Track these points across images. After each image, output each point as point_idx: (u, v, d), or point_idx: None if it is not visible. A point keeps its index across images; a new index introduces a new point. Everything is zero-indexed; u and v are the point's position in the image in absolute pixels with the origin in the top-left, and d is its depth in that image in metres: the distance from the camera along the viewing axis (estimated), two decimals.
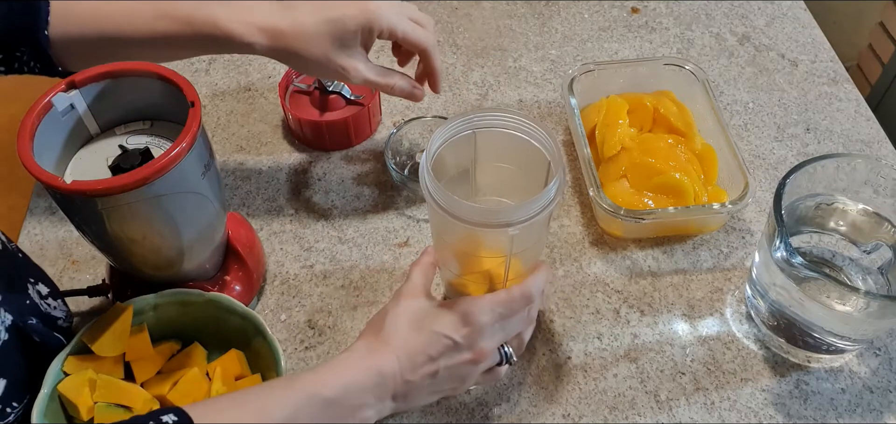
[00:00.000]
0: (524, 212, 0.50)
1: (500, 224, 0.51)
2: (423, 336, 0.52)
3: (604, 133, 0.75)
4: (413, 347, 0.51)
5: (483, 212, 0.51)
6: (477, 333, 0.53)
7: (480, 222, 0.51)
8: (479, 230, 0.51)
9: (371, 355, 0.51)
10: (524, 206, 0.50)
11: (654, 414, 0.61)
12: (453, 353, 0.52)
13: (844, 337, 0.60)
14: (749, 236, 0.73)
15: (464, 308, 0.53)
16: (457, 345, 0.52)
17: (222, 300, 0.60)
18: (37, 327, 0.54)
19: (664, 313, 0.67)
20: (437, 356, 0.52)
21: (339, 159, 0.80)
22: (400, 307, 0.53)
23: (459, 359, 0.53)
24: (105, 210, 0.52)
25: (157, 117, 0.60)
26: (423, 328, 0.52)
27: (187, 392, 0.58)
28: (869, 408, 0.61)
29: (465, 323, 0.52)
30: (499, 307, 0.53)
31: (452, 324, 0.52)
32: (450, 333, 0.52)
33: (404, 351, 0.51)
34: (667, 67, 0.80)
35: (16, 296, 0.54)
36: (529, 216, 0.51)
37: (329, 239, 0.73)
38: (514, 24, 0.96)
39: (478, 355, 0.53)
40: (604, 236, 0.73)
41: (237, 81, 0.88)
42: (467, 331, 0.52)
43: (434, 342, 0.52)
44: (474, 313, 0.52)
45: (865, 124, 0.83)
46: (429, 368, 0.52)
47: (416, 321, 0.53)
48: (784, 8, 0.98)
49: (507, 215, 0.50)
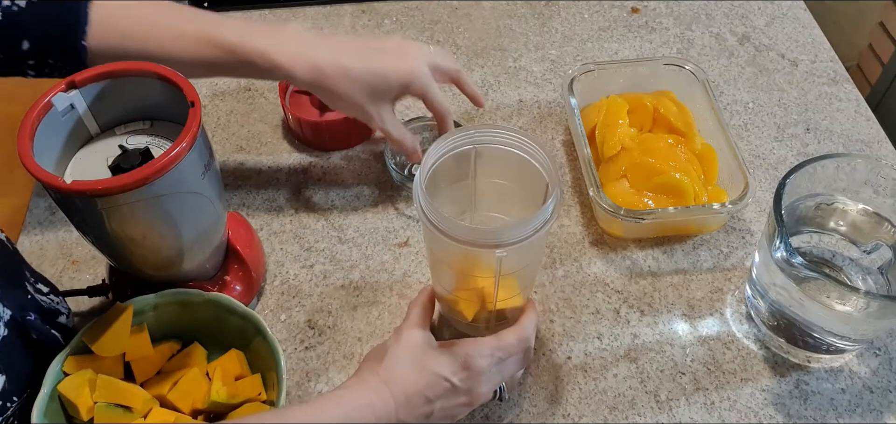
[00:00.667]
0: (513, 234, 0.50)
1: (488, 245, 0.50)
2: (423, 378, 0.52)
3: (604, 133, 0.75)
4: (412, 388, 0.52)
5: (471, 231, 0.50)
6: (475, 377, 0.53)
7: (468, 241, 0.50)
8: (468, 249, 0.51)
9: (367, 391, 0.51)
10: (513, 228, 0.50)
11: (654, 414, 0.61)
12: (450, 396, 0.53)
13: (844, 337, 0.60)
14: (749, 236, 0.73)
15: (464, 351, 0.53)
16: (455, 388, 0.53)
17: (222, 300, 0.60)
18: (35, 323, 0.54)
19: (664, 313, 0.67)
20: (435, 399, 0.52)
21: (339, 159, 0.80)
22: (400, 344, 0.54)
23: (455, 402, 0.53)
24: (105, 210, 0.52)
25: (157, 117, 0.60)
26: (423, 369, 0.52)
27: (187, 392, 0.58)
28: (869, 408, 0.61)
29: (465, 367, 0.53)
30: (498, 352, 0.54)
31: (451, 367, 0.53)
32: (449, 376, 0.52)
33: (402, 391, 0.51)
34: (667, 66, 0.80)
35: (15, 292, 0.54)
36: (518, 239, 0.50)
37: (329, 239, 0.73)
38: (514, 24, 0.96)
39: (474, 399, 0.54)
40: (604, 236, 0.73)
41: (237, 81, 0.88)
42: (466, 375, 0.53)
43: (433, 385, 0.52)
44: (473, 356, 0.53)
45: (865, 124, 0.83)
46: (425, 409, 0.52)
47: (417, 361, 0.53)
48: (784, 8, 0.98)
49: (496, 236, 0.50)
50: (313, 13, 0.97)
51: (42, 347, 0.55)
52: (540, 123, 0.84)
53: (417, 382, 0.52)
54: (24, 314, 0.53)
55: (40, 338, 0.55)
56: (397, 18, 0.96)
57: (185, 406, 0.57)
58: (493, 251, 0.50)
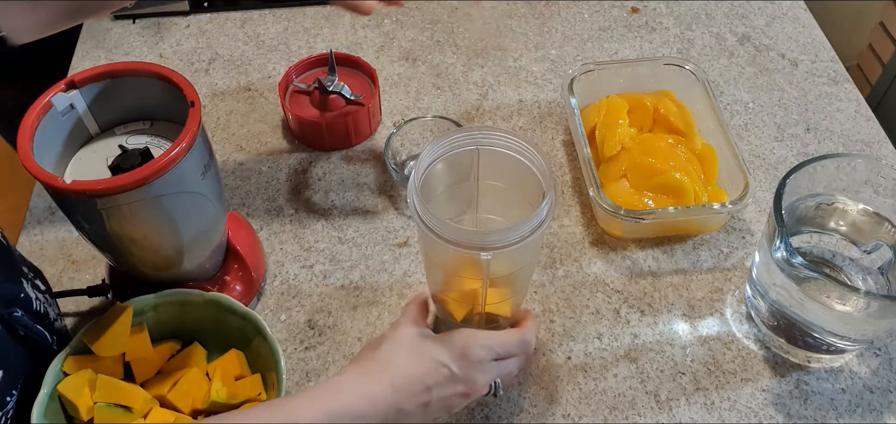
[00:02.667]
0: (500, 238, 0.49)
1: (473, 247, 0.50)
2: (422, 365, 0.52)
3: (604, 133, 0.75)
4: (411, 374, 0.52)
5: (458, 232, 0.50)
6: (473, 366, 0.53)
7: (454, 242, 0.50)
8: (456, 250, 0.51)
9: (365, 381, 0.51)
10: (501, 232, 0.49)
11: (654, 414, 0.61)
12: (448, 384, 0.53)
13: (844, 337, 0.60)
14: (749, 236, 0.73)
15: (462, 341, 0.53)
16: (453, 376, 0.53)
17: (222, 300, 0.60)
18: (22, 320, 0.53)
19: (664, 313, 0.67)
20: (433, 386, 0.52)
21: (339, 159, 0.80)
22: (398, 334, 0.54)
23: (453, 391, 0.53)
24: (105, 210, 0.52)
25: (157, 117, 0.60)
26: (422, 357, 0.52)
27: (187, 392, 0.58)
28: (869, 408, 0.61)
29: (463, 355, 0.53)
30: (497, 347, 0.54)
31: (450, 354, 0.53)
32: (447, 362, 0.52)
33: (401, 378, 0.51)
34: (667, 66, 0.80)
35: (9, 286, 0.53)
36: (505, 243, 0.49)
37: (329, 239, 0.73)
38: (514, 24, 0.96)
39: (471, 389, 0.54)
40: (604, 236, 0.73)
41: (237, 81, 0.88)
42: (464, 363, 0.53)
43: (432, 371, 0.52)
44: (471, 346, 0.53)
45: (865, 124, 0.83)
46: (423, 398, 0.52)
47: (415, 349, 0.53)
48: (784, 8, 0.98)
49: (482, 239, 0.49)
50: (313, 13, 0.97)
51: (32, 343, 0.55)
52: (540, 123, 0.84)
53: (416, 369, 0.52)
54: (10, 311, 0.53)
55: (27, 334, 0.54)
56: (397, 18, 0.96)
57: (185, 406, 0.57)
58: (478, 254, 0.50)
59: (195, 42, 0.93)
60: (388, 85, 0.88)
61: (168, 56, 0.92)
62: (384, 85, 0.87)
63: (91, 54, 0.92)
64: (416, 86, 0.88)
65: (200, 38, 0.94)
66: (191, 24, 0.96)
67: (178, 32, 0.95)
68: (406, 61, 0.91)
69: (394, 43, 0.93)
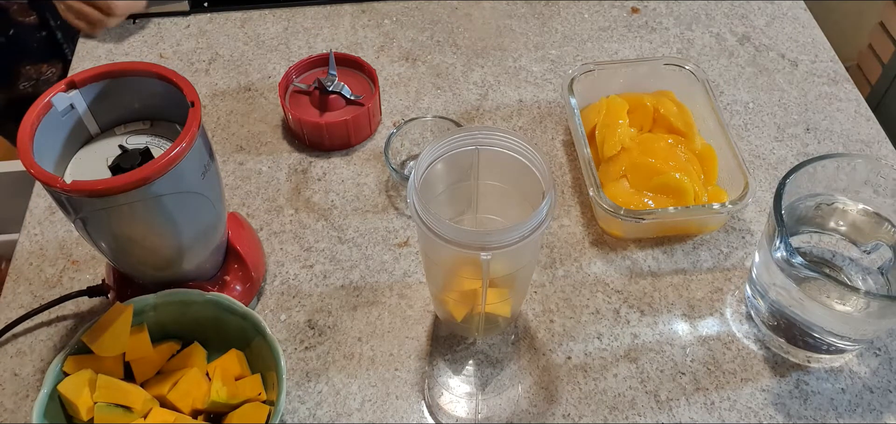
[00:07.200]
0: (500, 238, 0.49)
1: (473, 247, 0.50)
2: None
3: (604, 133, 0.75)
4: None
5: (458, 232, 0.50)
6: None
7: (454, 242, 0.50)
8: (455, 250, 0.51)
9: None
10: (500, 232, 0.49)
11: (654, 414, 0.61)
12: None
13: (844, 337, 0.60)
14: (749, 236, 0.73)
15: None
16: None
17: (222, 300, 0.60)
18: None
19: (664, 313, 0.67)
20: None
21: (338, 159, 0.80)
22: None
23: None
24: (105, 210, 0.52)
25: (157, 117, 0.60)
26: None
27: (187, 392, 0.58)
28: (869, 408, 0.61)
29: None
30: None
31: None
32: None
33: None
34: (667, 67, 0.80)
35: None
36: (504, 244, 0.49)
37: (329, 239, 0.73)
38: (514, 24, 0.96)
39: None
40: (604, 236, 0.73)
41: (237, 81, 0.88)
42: None
43: None
44: None
45: (865, 124, 0.83)
46: None
47: None
48: (784, 8, 0.98)
49: (481, 238, 0.49)
50: (313, 13, 0.97)
51: None
52: (540, 123, 0.84)
53: None
54: None
55: None
56: (397, 18, 0.96)
57: (185, 406, 0.57)
58: (479, 254, 0.50)
59: (195, 42, 0.93)
60: (388, 85, 0.88)
61: (168, 56, 0.92)
62: (384, 85, 0.87)
63: (91, 54, 0.92)
64: (416, 86, 0.88)
65: (200, 39, 0.94)
66: (191, 24, 0.96)
67: (178, 32, 0.95)
68: (406, 61, 0.91)
69: (394, 43, 0.93)
